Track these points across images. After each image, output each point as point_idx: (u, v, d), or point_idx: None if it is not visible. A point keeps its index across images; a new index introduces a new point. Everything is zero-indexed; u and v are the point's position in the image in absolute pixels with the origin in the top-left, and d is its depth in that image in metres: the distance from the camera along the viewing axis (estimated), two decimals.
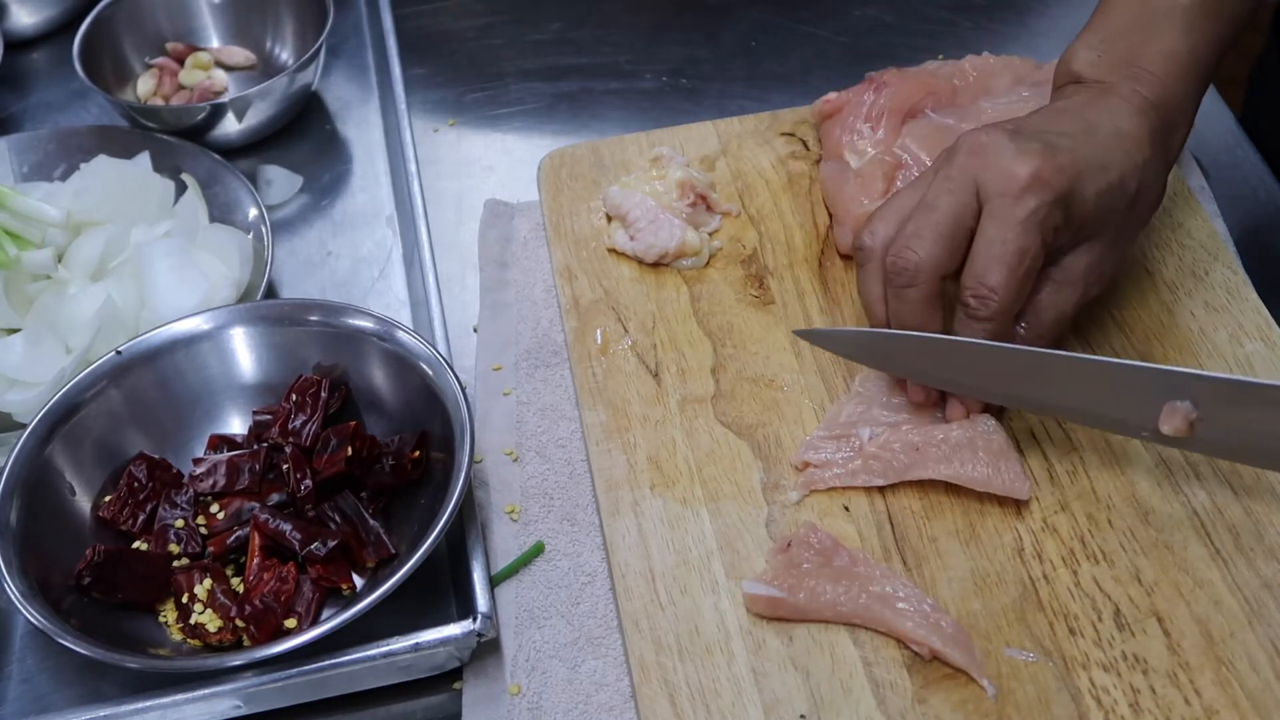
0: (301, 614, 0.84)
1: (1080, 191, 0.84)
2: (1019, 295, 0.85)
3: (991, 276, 0.84)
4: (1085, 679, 0.80)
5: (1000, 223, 0.84)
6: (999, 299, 0.84)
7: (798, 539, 0.85)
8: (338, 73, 1.26)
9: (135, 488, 0.89)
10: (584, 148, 1.13)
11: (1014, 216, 0.83)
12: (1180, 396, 0.82)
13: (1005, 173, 0.84)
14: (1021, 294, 0.85)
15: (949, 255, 0.86)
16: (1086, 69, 0.91)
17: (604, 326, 1.00)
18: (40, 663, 0.87)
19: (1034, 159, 0.84)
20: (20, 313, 1.00)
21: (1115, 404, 0.85)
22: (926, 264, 0.85)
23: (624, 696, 0.83)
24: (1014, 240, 0.83)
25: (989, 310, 0.84)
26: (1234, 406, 0.81)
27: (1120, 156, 0.86)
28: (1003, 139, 0.85)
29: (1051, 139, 0.85)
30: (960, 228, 0.85)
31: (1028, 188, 0.83)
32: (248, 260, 1.04)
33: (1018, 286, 0.84)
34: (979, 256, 0.85)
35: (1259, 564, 0.84)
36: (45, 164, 1.13)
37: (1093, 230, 0.87)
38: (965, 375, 0.88)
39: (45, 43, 1.30)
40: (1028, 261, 0.84)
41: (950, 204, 0.85)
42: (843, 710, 0.79)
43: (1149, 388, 0.83)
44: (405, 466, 0.88)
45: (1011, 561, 0.85)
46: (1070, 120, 0.88)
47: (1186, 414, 0.82)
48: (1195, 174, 1.08)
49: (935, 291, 0.86)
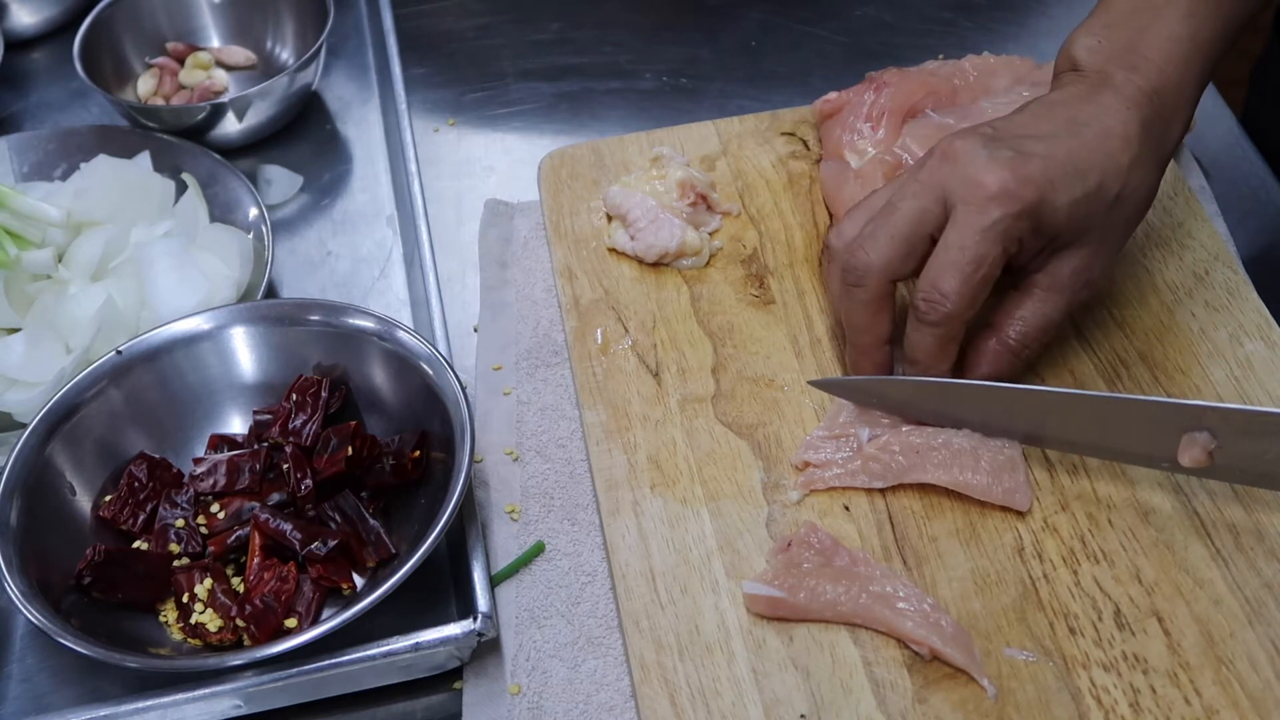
0: (302, 614, 0.84)
1: (1050, 201, 0.84)
2: (972, 302, 0.85)
3: (945, 282, 0.84)
4: (1085, 679, 0.80)
5: (961, 230, 0.84)
6: (950, 304, 0.84)
7: (798, 539, 0.85)
8: (338, 72, 1.26)
9: (135, 487, 0.89)
10: (584, 147, 1.13)
11: (975, 225, 0.83)
12: (1197, 428, 0.82)
13: (973, 181, 0.84)
14: (975, 301, 0.85)
15: (901, 259, 0.86)
16: (1085, 56, 0.90)
17: (604, 326, 1.00)
18: (40, 662, 0.87)
19: (1003, 170, 0.83)
20: (20, 313, 1.00)
21: (1134, 439, 0.85)
22: (876, 265, 0.86)
23: (624, 696, 0.83)
24: (972, 248, 0.83)
25: (938, 315, 0.85)
26: (1251, 436, 0.82)
27: (1102, 159, 0.85)
28: (976, 146, 0.85)
29: (1028, 145, 0.85)
30: (918, 233, 0.86)
31: (993, 198, 0.83)
32: (248, 260, 1.04)
33: (971, 293, 0.84)
34: (935, 261, 0.85)
35: (1259, 564, 0.84)
36: (45, 164, 1.13)
37: (1072, 236, 0.86)
38: (985, 416, 0.88)
39: (45, 42, 1.30)
40: (984, 269, 0.84)
41: (911, 208, 0.86)
42: (843, 710, 0.79)
43: (1167, 421, 0.83)
44: (405, 466, 0.88)
45: (1012, 561, 0.85)
46: (1055, 119, 0.87)
47: (1205, 445, 0.82)
48: (1195, 174, 1.08)
49: (883, 293, 0.87)
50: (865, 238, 0.87)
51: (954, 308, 0.84)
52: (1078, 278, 0.88)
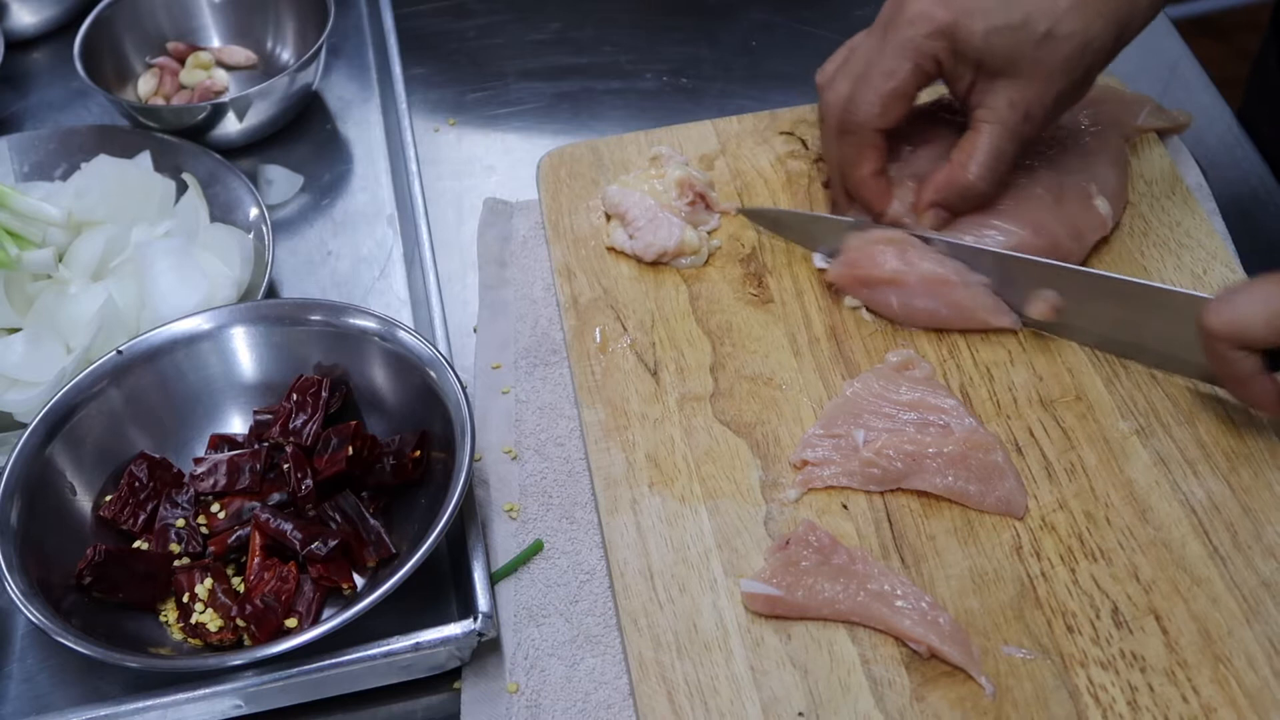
0: (302, 613, 0.84)
1: (967, 25, 0.91)
2: (882, 111, 0.94)
3: (860, 93, 0.95)
4: (1083, 677, 0.80)
5: (880, 48, 0.94)
6: (860, 112, 0.95)
7: (796, 537, 0.85)
8: (338, 72, 1.26)
9: (136, 487, 0.89)
10: (583, 147, 1.13)
11: (890, 41, 0.93)
12: (1048, 286, 0.93)
13: (900, 7, 0.93)
14: (886, 111, 0.94)
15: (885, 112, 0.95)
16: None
17: (603, 325, 1.00)
18: (41, 662, 0.88)
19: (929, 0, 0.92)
20: (21, 312, 1.00)
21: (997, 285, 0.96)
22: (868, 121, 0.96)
23: (622, 694, 0.83)
24: (884, 62, 0.93)
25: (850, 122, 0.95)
26: (1094, 299, 0.93)
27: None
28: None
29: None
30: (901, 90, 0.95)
31: (910, 20, 0.92)
32: (248, 260, 1.04)
33: (880, 102, 0.94)
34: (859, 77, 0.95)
35: (1257, 562, 0.84)
36: (46, 163, 1.13)
37: (999, 65, 0.92)
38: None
39: (46, 42, 1.30)
40: (894, 81, 0.93)
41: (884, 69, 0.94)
42: (841, 708, 0.79)
43: (1022, 276, 0.95)
44: (406, 466, 0.89)
45: (1009, 559, 0.85)
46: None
47: (1052, 301, 0.94)
48: (1194, 173, 1.08)
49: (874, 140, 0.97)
50: (855, 100, 0.95)
51: (864, 115, 0.95)
52: (1015, 110, 0.93)
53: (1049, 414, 0.92)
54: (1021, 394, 0.94)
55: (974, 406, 0.93)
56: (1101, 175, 1.02)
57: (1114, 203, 1.01)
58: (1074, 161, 1.03)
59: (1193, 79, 1.22)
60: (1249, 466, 0.89)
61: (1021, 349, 0.96)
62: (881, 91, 0.94)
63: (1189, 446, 0.90)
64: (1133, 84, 1.14)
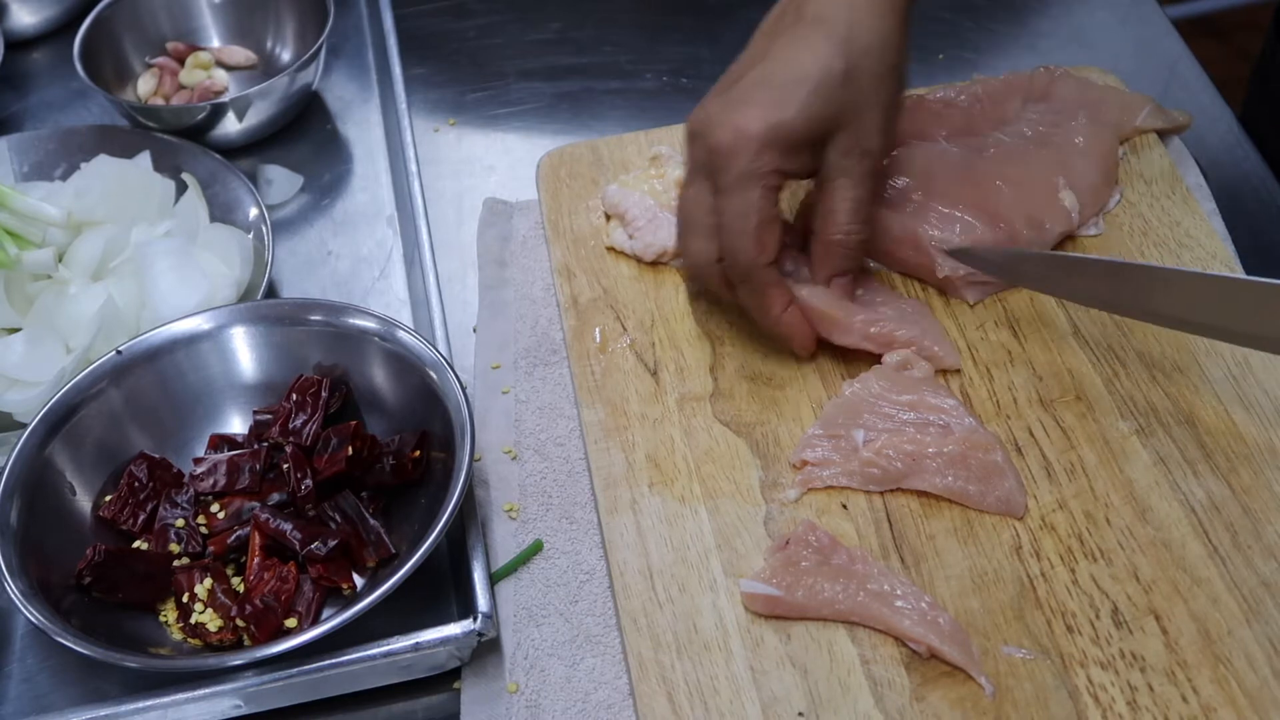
0: (302, 613, 0.84)
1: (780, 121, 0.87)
2: (761, 248, 0.89)
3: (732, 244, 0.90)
4: (1083, 677, 0.80)
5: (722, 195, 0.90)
6: (742, 259, 0.90)
7: (796, 537, 0.85)
8: (338, 72, 1.26)
9: (136, 487, 0.89)
10: (583, 147, 1.13)
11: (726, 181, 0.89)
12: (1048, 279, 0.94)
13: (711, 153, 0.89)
14: (764, 245, 0.89)
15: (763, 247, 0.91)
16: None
17: (603, 325, 1.00)
18: (40, 662, 0.88)
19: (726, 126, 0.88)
20: (20, 312, 1.00)
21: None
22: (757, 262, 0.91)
23: (622, 694, 0.83)
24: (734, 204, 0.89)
25: (739, 273, 0.91)
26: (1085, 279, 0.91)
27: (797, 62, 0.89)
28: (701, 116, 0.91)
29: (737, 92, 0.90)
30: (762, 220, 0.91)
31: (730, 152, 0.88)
32: (248, 260, 1.04)
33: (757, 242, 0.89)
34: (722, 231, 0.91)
35: (1256, 562, 0.84)
36: (46, 164, 1.13)
37: (827, 129, 0.89)
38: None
39: (46, 42, 1.30)
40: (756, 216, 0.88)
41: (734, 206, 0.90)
42: (841, 708, 0.79)
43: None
44: (406, 466, 0.89)
45: (1009, 559, 0.85)
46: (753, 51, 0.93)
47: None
48: (1194, 173, 1.08)
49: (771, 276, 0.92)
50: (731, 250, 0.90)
51: (746, 261, 0.90)
52: (850, 155, 0.90)
53: (1049, 414, 0.92)
54: (1021, 394, 0.94)
55: (973, 406, 0.93)
56: (1078, 170, 1.03)
57: (1085, 197, 1.02)
58: (1050, 155, 1.03)
59: (1193, 79, 1.22)
60: (1249, 466, 0.89)
61: (1021, 349, 0.96)
62: (750, 231, 0.89)
63: (1189, 446, 0.90)
64: (1133, 84, 1.14)
